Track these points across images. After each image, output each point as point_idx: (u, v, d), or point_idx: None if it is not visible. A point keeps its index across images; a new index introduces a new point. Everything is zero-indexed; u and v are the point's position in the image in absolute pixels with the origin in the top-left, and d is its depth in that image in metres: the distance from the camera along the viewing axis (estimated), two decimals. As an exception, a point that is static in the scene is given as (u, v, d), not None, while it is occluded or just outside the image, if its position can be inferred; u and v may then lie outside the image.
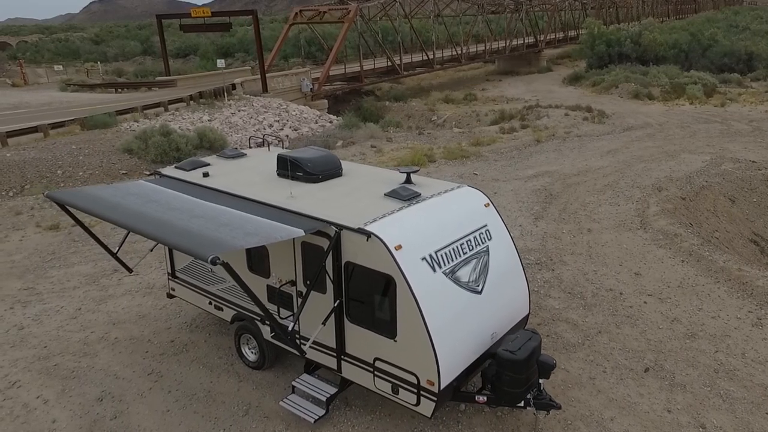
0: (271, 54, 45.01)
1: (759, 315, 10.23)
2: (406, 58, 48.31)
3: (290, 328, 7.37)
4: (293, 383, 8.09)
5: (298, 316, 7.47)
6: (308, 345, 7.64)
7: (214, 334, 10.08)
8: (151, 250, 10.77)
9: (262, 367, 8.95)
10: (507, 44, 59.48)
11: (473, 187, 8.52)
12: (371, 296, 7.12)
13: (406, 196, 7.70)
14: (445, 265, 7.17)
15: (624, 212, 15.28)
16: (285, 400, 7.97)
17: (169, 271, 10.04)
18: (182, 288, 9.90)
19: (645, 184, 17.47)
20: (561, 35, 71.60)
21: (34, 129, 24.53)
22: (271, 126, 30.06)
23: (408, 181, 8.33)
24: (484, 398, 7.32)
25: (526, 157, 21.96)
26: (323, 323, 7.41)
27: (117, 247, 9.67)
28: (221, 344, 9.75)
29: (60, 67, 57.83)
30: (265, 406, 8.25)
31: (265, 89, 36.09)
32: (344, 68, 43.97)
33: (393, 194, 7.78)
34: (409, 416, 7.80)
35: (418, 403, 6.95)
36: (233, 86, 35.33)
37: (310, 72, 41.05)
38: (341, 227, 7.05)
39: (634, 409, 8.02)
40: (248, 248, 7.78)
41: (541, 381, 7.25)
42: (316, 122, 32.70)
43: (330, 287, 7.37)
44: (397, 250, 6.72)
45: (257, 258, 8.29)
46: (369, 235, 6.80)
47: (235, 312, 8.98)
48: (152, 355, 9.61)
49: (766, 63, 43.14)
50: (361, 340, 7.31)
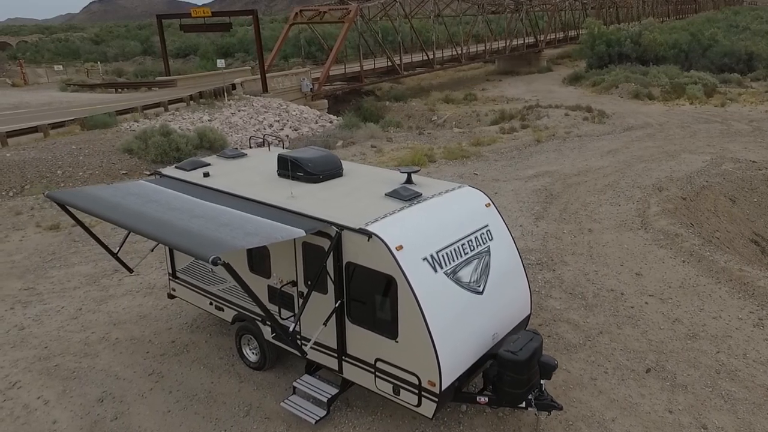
0: (271, 54, 45.01)
1: (760, 315, 10.21)
2: (406, 58, 48.32)
3: (291, 329, 7.36)
4: (294, 384, 8.08)
5: (299, 317, 7.46)
6: (309, 346, 7.63)
7: (215, 335, 10.07)
8: (152, 250, 10.77)
9: (263, 368, 8.94)
10: (507, 44, 59.48)
11: (474, 188, 8.50)
12: (372, 297, 7.10)
13: (407, 196, 7.69)
14: (446, 265, 7.15)
15: (625, 212, 15.26)
16: (286, 400, 7.96)
17: (170, 271, 10.03)
18: (183, 288, 9.88)
19: (645, 184, 17.45)
20: (561, 35, 71.60)
21: (34, 129, 24.54)
22: (271, 126, 30.04)
23: (409, 181, 8.31)
24: (486, 399, 7.31)
25: (526, 157, 21.95)
26: (324, 324, 7.39)
27: (117, 247, 9.68)
28: (222, 345, 9.74)
29: (60, 67, 57.83)
30: (266, 406, 8.24)
31: (265, 89, 36.08)
32: (344, 68, 43.98)
33: (394, 194, 7.77)
34: (410, 417, 7.79)
35: (419, 404, 6.94)
36: (233, 86, 35.33)
37: (310, 72, 41.05)
38: (342, 227, 7.04)
39: (635, 409, 8.01)
40: (249, 248, 7.77)
41: (542, 382, 7.24)
42: (316, 122, 32.69)
43: (331, 288, 7.36)
44: (398, 250, 6.70)
45: (258, 258, 8.28)
46: (370, 235, 6.79)
47: (235, 312, 8.97)
48: (153, 355, 9.60)
49: (766, 63, 43.16)
50: (363, 341, 7.30)
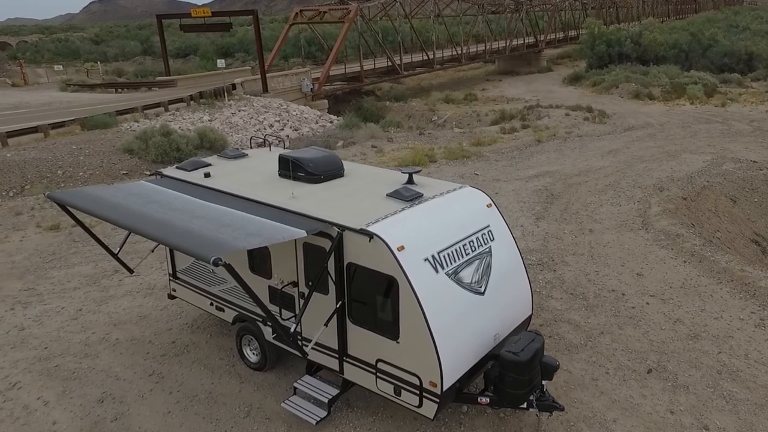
0: (272, 54, 44.99)
1: (762, 316, 10.20)
2: (406, 58, 48.29)
3: (292, 330, 7.35)
4: (295, 385, 8.06)
5: (300, 318, 7.45)
6: (310, 346, 7.61)
7: (216, 335, 10.05)
8: (152, 250, 10.74)
9: (263, 369, 8.92)
10: (507, 44, 59.46)
11: (475, 188, 8.49)
12: (374, 297, 7.09)
13: (408, 196, 7.67)
14: (447, 266, 7.13)
15: (625, 212, 15.25)
16: (287, 401, 7.94)
17: (170, 271, 10.01)
18: (183, 289, 9.86)
19: (646, 184, 17.44)
20: (561, 35, 71.58)
21: (35, 129, 24.51)
22: (271, 126, 30.02)
23: (410, 181, 8.30)
24: (487, 400, 7.29)
25: (527, 157, 21.93)
26: (325, 324, 7.38)
27: (118, 247, 9.66)
28: (223, 345, 9.72)
29: (60, 67, 57.80)
30: (267, 407, 8.22)
31: (265, 89, 36.06)
32: (344, 68, 43.95)
33: (395, 195, 7.75)
34: (411, 418, 7.77)
35: (420, 405, 6.92)
36: (233, 86, 35.30)
37: (310, 72, 41.03)
38: (343, 228, 7.02)
39: (637, 410, 7.99)
40: (250, 249, 7.75)
41: (543, 382, 7.23)
42: (317, 122, 32.67)
43: (332, 288, 7.34)
44: (399, 251, 6.69)
45: (259, 259, 8.26)
46: (371, 236, 6.77)
47: (236, 313, 8.95)
48: (153, 356, 9.58)
49: (766, 63, 43.16)
50: (364, 342, 7.28)
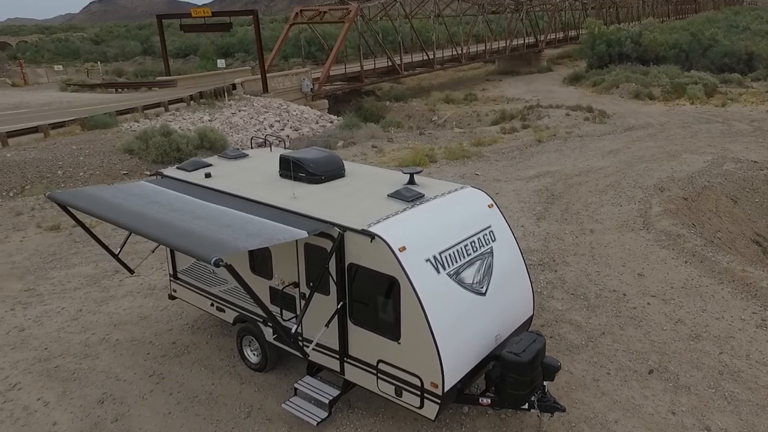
0: (272, 54, 44.99)
1: (763, 316, 10.18)
2: (406, 58, 48.29)
3: (293, 330, 7.33)
4: (295, 385, 8.04)
5: (301, 318, 7.43)
6: (311, 347, 7.60)
7: (216, 336, 10.03)
8: (153, 251, 10.73)
9: (264, 369, 8.90)
10: (507, 44, 59.45)
11: (477, 188, 8.47)
12: (375, 298, 7.07)
13: (409, 197, 7.65)
14: (449, 266, 7.12)
15: (626, 213, 15.23)
16: (287, 402, 7.93)
17: (171, 272, 9.99)
18: (184, 289, 9.85)
19: (647, 185, 17.42)
20: (561, 35, 71.57)
21: (35, 129, 24.51)
22: (271, 126, 30.01)
23: (411, 181, 8.28)
24: (488, 400, 7.27)
25: (527, 157, 21.92)
26: (326, 325, 7.36)
27: (118, 248, 9.64)
28: (223, 346, 9.71)
29: (60, 67, 57.78)
30: (268, 408, 8.21)
31: (265, 89, 36.05)
32: (344, 68, 43.95)
33: (396, 195, 7.73)
34: (412, 419, 7.75)
35: (421, 406, 6.90)
36: (233, 86, 35.30)
37: (310, 72, 41.02)
38: (345, 228, 7.00)
39: (638, 411, 7.98)
40: (251, 250, 7.73)
41: (545, 383, 7.21)
42: (317, 122, 32.66)
43: (333, 289, 7.32)
44: (401, 251, 6.67)
45: (260, 259, 8.24)
46: (373, 236, 6.75)
47: (237, 314, 8.93)
48: (153, 356, 9.56)
49: (766, 63, 43.15)
50: (365, 343, 7.26)
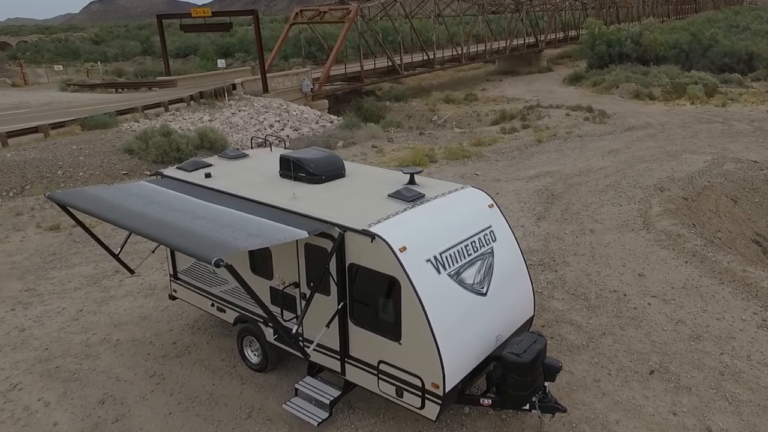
0: (272, 54, 44.98)
1: (764, 316, 10.17)
2: (406, 58, 48.30)
3: (294, 331, 7.32)
4: (296, 386, 8.04)
5: (301, 319, 7.42)
6: (312, 347, 7.59)
7: (217, 336, 10.02)
8: (153, 251, 10.72)
9: (264, 370, 8.89)
10: (507, 44, 59.45)
11: (477, 188, 8.46)
12: (375, 298, 7.06)
13: (410, 197, 7.64)
14: (449, 266, 7.11)
15: (626, 213, 15.22)
16: (288, 402, 7.92)
17: (171, 272, 9.98)
18: (184, 289, 9.84)
19: (647, 185, 17.41)
20: (561, 35, 71.59)
21: (35, 129, 24.50)
22: (271, 126, 30.00)
23: (412, 181, 8.27)
24: (489, 401, 7.26)
25: (527, 157, 21.91)
26: (327, 325, 7.35)
27: (119, 248, 9.62)
28: (224, 346, 9.70)
29: (60, 67, 57.76)
30: (268, 408, 8.20)
31: (265, 89, 36.05)
32: (345, 68, 43.94)
33: (397, 195, 7.72)
34: (413, 419, 7.74)
35: (422, 407, 6.90)
36: (234, 86, 35.29)
37: (310, 72, 41.01)
38: (345, 229, 6.99)
39: (639, 411, 7.97)
40: (251, 250, 7.72)
41: (546, 384, 7.20)
42: (317, 122, 32.65)
43: (334, 289, 7.31)
44: (401, 251, 6.66)
45: (260, 259, 8.23)
46: (373, 236, 6.74)
47: (237, 314, 8.92)
48: (154, 357, 9.55)
49: (766, 63, 43.14)
50: (365, 343, 7.25)
